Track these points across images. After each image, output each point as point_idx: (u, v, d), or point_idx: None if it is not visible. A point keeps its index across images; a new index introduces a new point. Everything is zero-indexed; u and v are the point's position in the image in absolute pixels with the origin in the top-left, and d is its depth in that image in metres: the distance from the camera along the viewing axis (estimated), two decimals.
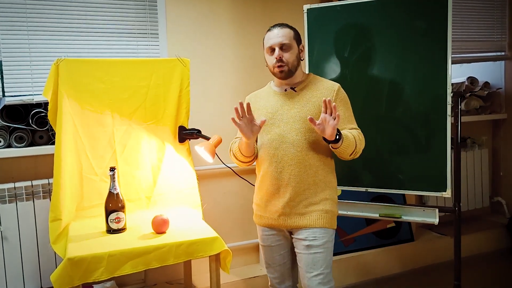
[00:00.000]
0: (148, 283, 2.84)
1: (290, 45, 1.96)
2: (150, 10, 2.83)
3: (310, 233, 1.96)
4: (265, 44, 2.01)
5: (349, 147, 1.89)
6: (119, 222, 2.08)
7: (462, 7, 3.72)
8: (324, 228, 1.97)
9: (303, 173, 1.95)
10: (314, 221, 1.96)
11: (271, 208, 2.02)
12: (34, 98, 2.57)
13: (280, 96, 2.04)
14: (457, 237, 2.57)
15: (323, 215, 1.97)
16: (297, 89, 2.02)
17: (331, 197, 2.02)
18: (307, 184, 1.96)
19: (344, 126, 1.97)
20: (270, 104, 2.04)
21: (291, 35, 1.97)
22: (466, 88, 3.84)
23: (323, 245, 1.96)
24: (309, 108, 1.96)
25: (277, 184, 1.98)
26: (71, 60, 2.30)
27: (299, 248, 1.99)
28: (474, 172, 3.88)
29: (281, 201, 1.98)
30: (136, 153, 2.45)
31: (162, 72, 2.49)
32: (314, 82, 2.04)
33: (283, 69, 1.96)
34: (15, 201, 2.45)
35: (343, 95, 2.03)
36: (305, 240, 1.96)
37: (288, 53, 1.95)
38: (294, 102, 2.00)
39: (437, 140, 2.45)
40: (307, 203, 1.97)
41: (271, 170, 1.98)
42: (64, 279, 1.76)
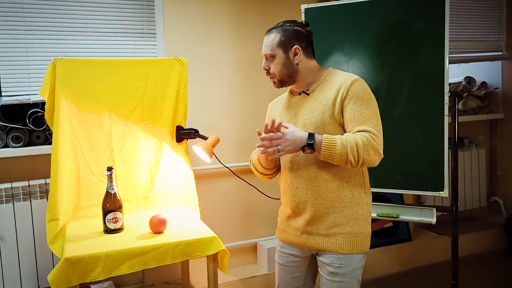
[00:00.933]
0: (146, 283, 2.84)
1: (273, 55, 1.77)
2: (147, 9, 2.82)
3: (335, 259, 1.73)
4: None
5: (336, 155, 1.61)
6: (117, 222, 2.08)
7: (459, 7, 3.73)
8: (352, 254, 1.73)
9: (323, 188, 1.72)
10: (339, 246, 1.72)
11: (293, 225, 1.84)
12: (31, 98, 2.56)
13: (294, 101, 1.84)
14: (454, 236, 2.57)
15: (351, 239, 1.72)
16: (310, 91, 1.79)
17: (360, 216, 1.75)
18: (329, 201, 1.72)
19: (351, 128, 1.67)
20: (285, 110, 1.87)
21: (274, 43, 1.76)
22: (463, 88, 3.85)
23: (349, 273, 1.73)
24: (318, 113, 1.72)
25: (295, 200, 1.79)
26: (68, 60, 2.29)
27: (323, 272, 1.79)
28: (472, 172, 3.89)
29: (303, 218, 1.78)
30: (133, 153, 2.45)
31: (160, 72, 2.48)
32: (329, 80, 1.78)
33: (273, 80, 1.82)
34: (12, 201, 2.45)
35: (357, 90, 1.69)
36: (329, 266, 1.75)
37: (272, 63, 1.78)
38: (306, 107, 1.78)
39: (434, 139, 2.46)
40: (331, 223, 1.73)
41: (288, 185, 1.80)
42: (61, 279, 1.75)
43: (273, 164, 1.87)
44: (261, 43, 3.11)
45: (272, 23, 3.12)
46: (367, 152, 1.61)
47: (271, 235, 3.23)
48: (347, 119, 1.69)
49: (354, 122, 1.67)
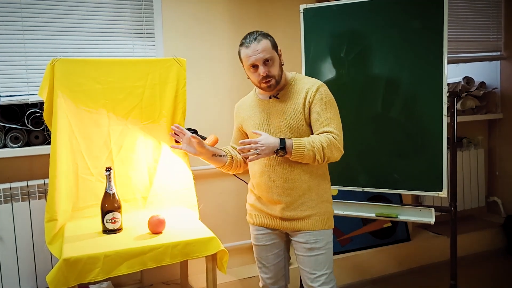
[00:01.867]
0: (145, 284, 2.84)
1: (272, 57, 1.89)
2: (146, 10, 2.82)
3: (310, 236, 1.97)
4: (245, 61, 1.90)
5: (304, 156, 1.84)
6: (115, 222, 2.08)
7: (458, 7, 3.73)
8: (324, 230, 1.99)
9: (297, 181, 1.95)
10: (313, 225, 1.97)
11: (268, 212, 2.04)
12: (30, 98, 2.56)
13: (265, 105, 2.01)
14: (453, 236, 2.58)
15: (321, 217, 1.99)
16: (280, 95, 1.98)
17: (326, 199, 2.03)
18: (302, 190, 1.97)
19: (317, 129, 1.92)
20: (255, 114, 2.03)
21: (269, 46, 1.88)
22: (462, 88, 3.85)
23: (325, 246, 1.99)
24: (291, 116, 1.93)
25: (271, 192, 1.99)
26: (66, 60, 2.29)
27: (300, 251, 2.01)
28: (470, 172, 3.89)
29: (279, 206, 1.99)
30: (132, 153, 2.45)
31: (158, 72, 2.48)
32: (296, 84, 1.98)
33: (270, 84, 1.90)
34: (10, 201, 2.44)
35: (322, 95, 1.93)
36: (306, 243, 1.98)
37: (272, 67, 1.89)
38: (278, 110, 1.97)
39: (433, 139, 2.46)
40: (304, 207, 1.97)
41: (264, 179, 1.99)
42: (60, 279, 1.75)
43: (221, 162, 2.05)
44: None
45: (271, 23, 3.15)
46: (330, 151, 1.87)
47: None
48: (313, 121, 1.93)
49: (319, 124, 1.92)
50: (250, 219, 2.15)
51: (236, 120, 2.17)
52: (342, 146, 1.92)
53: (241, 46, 1.92)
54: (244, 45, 1.90)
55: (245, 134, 2.14)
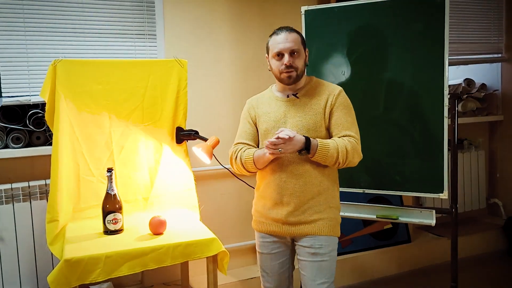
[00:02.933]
0: (145, 285, 2.84)
1: (299, 50, 1.92)
2: (147, 11, 2.83)
3: (315, 240, 1.93)
4: (272, 48, 1.93)
5: (328, 158, 1.84)
6: (116, 223, 2.08)
7: (459, 9, 3.74)
8: (329, 236, 1.95)
9: (308, 183, 1.91)
10: (319, 229, 1.93)
11: (274, 216, 1.98)
12: (31, 98, 2.57)
13: (282, 103, 1.99)
14: (454, 238, 2.58)
15: (328, 223, 1.94)
16: (299, 95, 1.97)
17: (335, 205, 1.99)
18: (311, 194, 1.92)
19: (337, 132, 1.92)
20: (272, 110, 1.99)
21: (299, 40, 1.93)
22: (463, 90, 3.86)
23: (329, 253, 1.94)
24: (310, 116, 1.93)
25: (281, 193, 1.94)
26: (68, 61, 2.30)
27: (303, 256, 1.96)
28: (471, 174, 3.89)
29: (285, 209, 1.94)
30: (133, 154, 2.45)
31: (160, 73, 2.48)
32: (316, 86, 1.99)
33: (291, 75, 1.90)
34: (12, 202, 2.45)
35: (343, 99, 1.96)
36: (310, 248, 1.93)
37: (297, 59, 1.91)
38: (297, 109, 1.95)
39: (434, 141, 2.46)
40: (312, 211, 1.93)
41: (274, 179, 1.95)
42: (61, 280, 1.75)
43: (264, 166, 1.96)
44: (261, 44, 3.11)
45: (272, 25, 3.13)
46: (352, 155, 1.88)
47: None
48: (334, 124, 1.94)
49: (340, 127, 1.93)
50: (256, 226, 2.09)
51: (249, 115, 2.08)
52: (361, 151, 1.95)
53: (271, 36, 1.95)
54: (275, 33, 1.94)
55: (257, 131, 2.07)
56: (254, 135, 2.05)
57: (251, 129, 2.06)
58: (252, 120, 2.06)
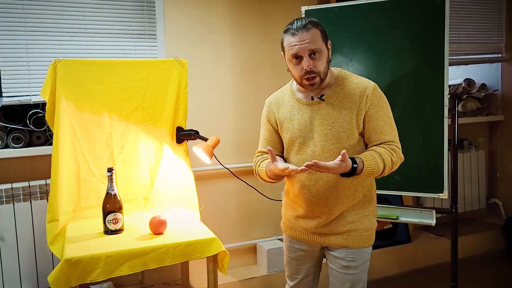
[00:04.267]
0: (146, 284, 2.84)
1: (321, 50, 1.63)
2: (148, 11, 2.83)
3: (348, 253, 1.78)
4: (288, 50, 1.65)
5: (373, 174, 1.65)
6: (117, 223, 2.08)
7: (459, 9, 3.74)
8: (364, 248, 1.79)
9: (341, 196, 1.73)
10: (353, 242, 1.77)
11: (304, 225, 1.83)
12: (32, 98, 2.57)
13: (306, 108, 1.73)
14: (454, 238, 2.58)
15: (363, 234, 1.78)
16: (325, 98, 1.71)
17: (371, 212, 1.82)
18: (345, 206, 1.75)
19: (376, 139, 1.70)
20: (295, 117, 1.75)
21: (319, 36, 1.64)
22: (463, 90, 3.86)
23: (362, 265, 1.80)
24: (341, 124, 1.69)
25: (312, 207, 1.76)
26: (69, 61, 2.30)
27: (334, 265, 1.82)
28: (471, 174, 3.89)
29: (316, 221, 1.78)
30: (133, 154, 2.45)
31: (160, 73, 2.48)
32: (344, 84, 1.72)
33: (314, 82, 1.64)
34: (12, 201, 2.45)
35: (379, 99, 1.70)
36: (342, 260, 1.79)
37: (319, 60, 1.63)
38: (324, 116, 1.70)
39: (434, 141, 2.46)
40: (345, 222, 1.76)
41: (304, 194, 1.76)
42: (61, 280, 1.76)
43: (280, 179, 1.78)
44: (261, 44, 3.10)
45: (272, 25, 3.16)
46: (397, 164, 1.72)
47: (271, 236, 3.23)
48: (372, 130, 1.71)
49: (379, 134, 1.70)
50: (284, 229, 1.95)
51: (268, 121, 1.85)
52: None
53: (286, 33, 1.67)
54: (289, 31, 1.65)
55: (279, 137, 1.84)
56: (275, 143, 1.84)
57: (271, 137, 1.84)
58: (273, 127, 1.84)
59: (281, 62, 3.19)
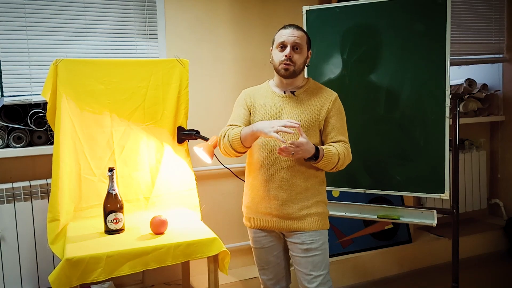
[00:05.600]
0: (146, 284, 2.84)
1: (302, 47, 1.97)
2: (149, 10, 2.83)
3: (306, 236, 1.98)
4: (277, 39, 1.99)
5: (329, 164, 1.92)
6: (118, 222, 2.08)
7: (460, 9, 3.73)
8: (319, 230, 2.00)
9: (295, 178, 1.96)
10: (309, 225, 1.98)
11: (263, 210, 2.03)
12: (33, 98, 2.57)
13: (279, 98, 2.03)
14: (455, 239, 2.57)
15: (317, 218, 2.00)
16: (296, 93, 2.02)
17: (322, 200, 2.05)
18: (299, 189, 1.97)
19: (333, 136, 1.99)
20: (269, 104, 2.02)
21: (305, 38, 1.99)
22: (464, 90, 3.85)
23: (321, 247, 1.99)
24: (306, 114, 1.97)
25: (268, 186, 1.99)
26: (70, 61, 2.30)
27: (296, 252, 2.01)
28: (472, 174, 3.89)
29: (273, 203, 1.99)
30: (134, 153, 2.45)
31: (161, 72, 2.49)
32: (314, 88, 2.05)
33: (288, 68, 1.94)
34: (13, 201, 2.45)
35: (339, 105, 2.04)
36: (302, 244, 1.98)
37: (298, 54, 1.96)
38: (293, 106, 2.00)
39: (435, 141, 2.46)
40: (300, 207, 1.98)
41: (262, 172, 1.99)
42: (62, 279, 1.76)
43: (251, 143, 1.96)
44: (262, 44, 3.11)
45: (273, 25, 3.15)
46: (347, 161, 1.99)
47: None
48: (330, 129, 1.99)
49: (336, 132, 1.99)
50: (247, 222, 2.14)
51: (245, 103, 2.08)
52: None
53: (280, 29, 2.00)
54: (283, 27, 1.99)
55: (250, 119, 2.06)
56: (247, 120, 2.05)
57: (245, 114, 2.06)
58: (248, 108, 2.07)
59: None
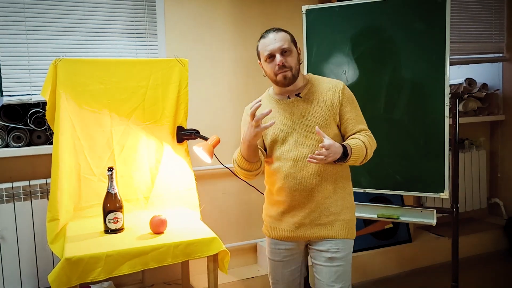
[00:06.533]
0: (146, 284, 2.84)
1: (290, 49, 1.84)
2: (148, 10, 2.83)
3: (332, 244, 1.86)
4: (262, 52, 1.86)
5: (359, 158, 1.81)
6: (117, 222, 2.08)
7: (460, 8, 3.73)
8: (346, 239, 1.89)
9: (323, 183, 1.85)
10: (336, 232, 1.86)
11: (289, 220, 1.90)
12: (32, 97, 2.57)
13: (286, 105, 1.89)
14: (454, 238, 2.57)
15: (345, 225, 1.88)
16: (302, 95, 1.89)
17: (350, 205, 1.93)
18: (327, 193, 1.86)
19: (352, 127, 1.88)
20: (276, 114, 1.89)
21: (288, 38, 1.85)
22: (464, 90, 3.85)
23: (345, 257, 1.88)
24: (319, 113, 1.85)
25: (297, 195, 1.86)
26: (69, 60, 2.30)
27: (319, 260, 1.89)
28: (472, 174, 3.89)
29: (302, 212, 1.87)
30: (134, 153, 2.45)
31: (161, 72, 2.48)
32: (317, 83, 1.92)
33: (286, 75, 1.81)
34: (12, 201, 2.45)
35: (349, 93, 1.90)
36: (327, 252, 1.87)
37: (289, 57, 1.83)
38: (302, 110, 1.87)
39: (435, 141, 2.46)
40: (328, 212, 1.87)
41: (289, 182, 1.85)
42: (62, 279, 1.75)
43: (257, 157, 1.85)
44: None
45: (273, 24, 3.15)
46: (372, 150, 1.89)
47: None
48: (347, 120, 1.88)
49: (354, 122, 1.88)
50: (267, 232, 2.00)
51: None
52: None
53: (259, 40, 1.89)
54: (262, 37, 1.88)
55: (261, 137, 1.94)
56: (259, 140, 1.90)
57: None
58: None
59: None
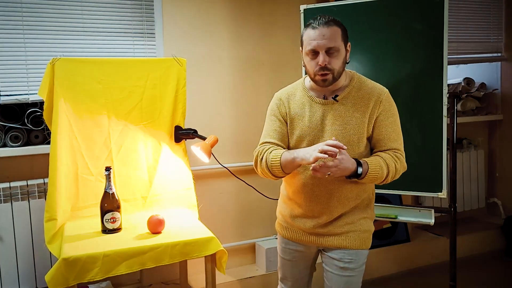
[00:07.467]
0: (144, 283, 2.84)
1: (338, 48, 1.63)
2: (146, 9, 2.82)
3: (345, 254, 1.76)
4: (306, 44, 1.66)
5: (377, 179, 1.67)
6: (115, 222, 2.08)
7: (458, 8, 3.73)
8: (361, 249, 1.78)
9: (343, 197, 1.73)
10: (351, 243, 1.76)
11: (301, 225, 1.81)
12: (30, 97, 2.56)
13: (319, 106, 1.73)
14: (452, 238, 2.58)
15: (361, 236, 1.77)
16: (339, 98, 1.71)
17: (369, 215, 1.83)
18: (347, 208, 1.75)
19: (383, 144, 1.71)
20: (307, 114, 1.73)
21: (339, 34, 1.64)
22: (462, 89, 3.86)
23: (358, 268, 1.79)
24: (352, 126, 1.69)
25: (312, 206, 1.76)
26: (67, 60, 2.29)
27: (331, 267, 1.80)
28: (470, 173, 3.89)
29: (315, 221, 1.77)
30: (132, 153, 2.45)
31: (159, 72, 2.48)
32: (359, 87, 1.73)
33: (326, 78, 1.64)
34: (10, 200, 2.44)
35: (389, 106, 1.72)
36: (339, 261, 1.77)
37: (335, 58, 1.63)
38: (336, 116, 1.70)
39: (433, 141, 2.46)
40: (343, 223, 1.76)
41: (306, 192, 1.75)
42: (59, 279, 1.75)
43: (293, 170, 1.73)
44: (260, 43, 3.09)
45: (271, 24, 3.15)
46: (399, 173, 1.73)
47: (269, 235, 3.22)
48: (380, 135, 1.73)
49: (387, 140, 1.72)
50: (279, 230, 1.92)
51: (278, 112, 1.79)
52: None
53: (307, 27, 1.67)
54: (310, 25, 1.65)
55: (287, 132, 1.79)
56: (283, 135, 1.78)
57: (281, 127, 1.78)
58: (283, 118, 1.78)
59: (280, 61, 3.18)
